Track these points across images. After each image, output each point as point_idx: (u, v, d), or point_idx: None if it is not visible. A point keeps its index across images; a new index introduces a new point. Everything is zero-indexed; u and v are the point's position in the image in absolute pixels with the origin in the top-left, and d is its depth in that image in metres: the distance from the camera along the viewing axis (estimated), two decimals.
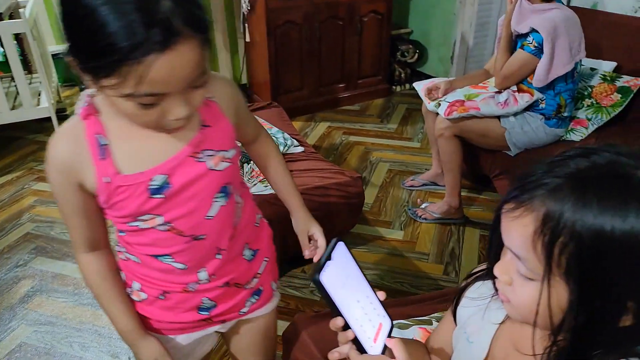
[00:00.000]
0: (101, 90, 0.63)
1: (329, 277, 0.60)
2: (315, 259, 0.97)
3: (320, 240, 0.97)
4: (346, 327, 0.62)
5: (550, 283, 0.53)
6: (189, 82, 0.63)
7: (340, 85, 3.46)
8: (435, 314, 1.21)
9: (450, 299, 1.37)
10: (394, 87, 3.71)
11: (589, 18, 1.99)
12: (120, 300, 0.86)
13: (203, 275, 0.84)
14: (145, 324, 0.90)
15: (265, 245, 0.96)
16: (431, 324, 1.15)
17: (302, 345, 1.12)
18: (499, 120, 2.05)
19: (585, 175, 0.52)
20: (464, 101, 2.04)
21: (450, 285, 1.89)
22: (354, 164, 2.76)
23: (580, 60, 1.99)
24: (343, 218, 1.88)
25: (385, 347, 0.66)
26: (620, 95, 2.14)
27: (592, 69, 2.25)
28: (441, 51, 3.57)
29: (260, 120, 2.17)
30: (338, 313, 0.61)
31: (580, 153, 0.54)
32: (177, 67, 0.60)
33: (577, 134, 2.11)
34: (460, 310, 0.78)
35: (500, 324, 0.70)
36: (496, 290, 0.69)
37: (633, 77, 2.15)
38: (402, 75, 3.71)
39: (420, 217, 2.26)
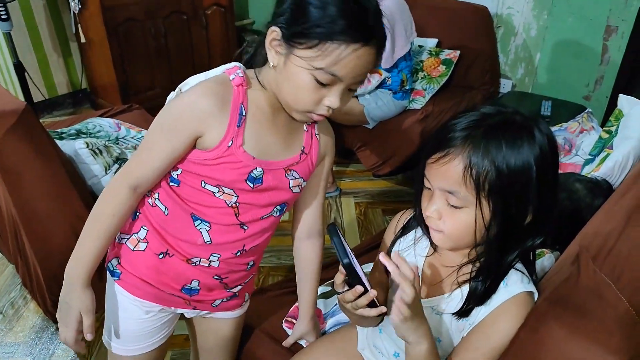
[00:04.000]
0: (286, 59, 0.74)
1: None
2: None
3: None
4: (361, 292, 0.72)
5: (480, 204, 0.71)
6: (358, 79, 0.76)
7: None
8: None
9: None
10: None
11: (411, 2, 2.32)
12: (101, 243, 0.84)
13: (213, 258, 0.88)
14: (125, 280, 0.89)
15: (258, 262, 1.00)
16: None
17: (256, 339, 1.18)
18: (357, 99, 2.30)
19: (488, 123, 0.72)
20: None
21: None
22: None
23: (413, 40, 2.33)
24: None
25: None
26: (445, 67, 2.56)
27: (420, 46, 2.65)
28: None
29: (127, 124, 2.09)
30: (358, 281, 0.71)
31: (470, 110, 0.75)
32: (362, 63, 0.73)
33: (418, 103, 2.47)
34: (393, 252, 0.94)
35: (427, 256, 0.87)
36: (427, 233, 0.85)
37: (452, 50, 2.60)
38: None
39: None
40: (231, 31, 3.50)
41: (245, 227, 0.87)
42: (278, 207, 0.89)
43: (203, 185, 0.82)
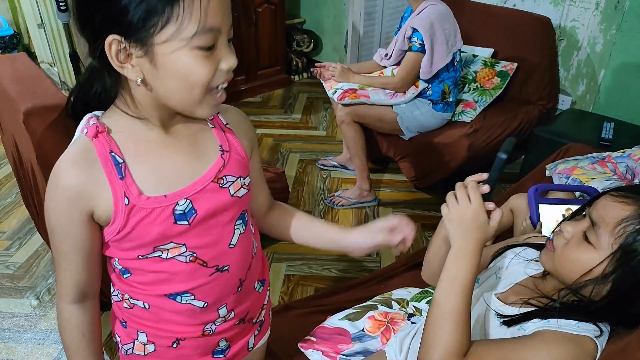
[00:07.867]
0: (151, 59, 0.61)
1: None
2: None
3: (406, 226, 0.87)
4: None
5: (611, 259, 0.67)
6: (231, 21, 0.65)
7: (241, 78, 3.43)
8: (377, 297, 1.31)
9: (382, 280, 1.49)
10: (292, 76, 3.77)
11: (458, 9, 2.18)
12: None
13: (223, 311, 0.79)
14: None
15: (266, 273, 0.92)
16: (376, 308, 1.25)
17: None
18: (392, 107, 2.21)
19: None
20: (356, 89, 2.17)
21: (373, 265, 2.02)
22: (266, 157, 2.78)
23: (460, 50, 2.21)
24: None
25: None
26: (500, 79, 2.43)
27: (474, 56, 2.52)
28: (335, 40, 3.69)
29: None
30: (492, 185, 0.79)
31: None
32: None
33: (468, 115, 2.36)
34: (500, 258, 0.92)
35: (532, 276, 0.84)
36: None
37: (509, 62, 2.46)
38: (299, 64, 3.78)
39: (337, 204, 2.36)
40: (280, 29, 3.48)
41: (225, 269, 0.77)
42: (238, 222, 0.77)
43: (148, 255, 0.71)
